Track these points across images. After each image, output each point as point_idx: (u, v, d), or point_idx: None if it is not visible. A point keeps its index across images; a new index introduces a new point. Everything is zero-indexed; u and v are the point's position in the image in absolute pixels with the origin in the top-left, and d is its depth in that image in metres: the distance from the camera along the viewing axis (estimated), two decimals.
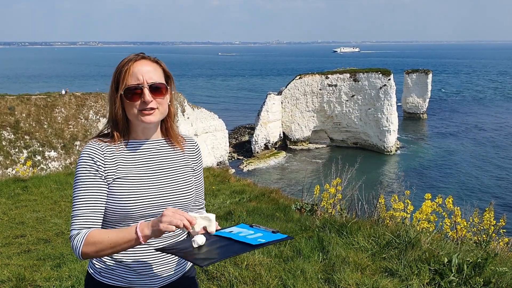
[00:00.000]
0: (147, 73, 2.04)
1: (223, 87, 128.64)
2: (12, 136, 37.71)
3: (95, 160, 2.01)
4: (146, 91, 2.01)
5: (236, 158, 61.15)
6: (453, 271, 4.23)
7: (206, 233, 1.96)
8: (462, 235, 5.68)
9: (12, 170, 32.76)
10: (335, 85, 63.53)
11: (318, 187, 8.01)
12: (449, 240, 5.61)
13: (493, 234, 5.79)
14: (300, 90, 64.05)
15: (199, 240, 1.88)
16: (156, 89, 2.05)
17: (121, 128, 2.08)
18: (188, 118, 50.32)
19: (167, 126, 2.21)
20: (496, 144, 63.52)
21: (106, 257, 2.09)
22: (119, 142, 2.09)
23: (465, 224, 5.70)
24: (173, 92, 2.20)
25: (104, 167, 2.01)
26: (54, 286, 4.67)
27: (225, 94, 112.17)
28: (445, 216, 5.85)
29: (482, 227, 5.75)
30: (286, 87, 65.12)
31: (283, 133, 64.81)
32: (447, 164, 55.52)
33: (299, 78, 64.69)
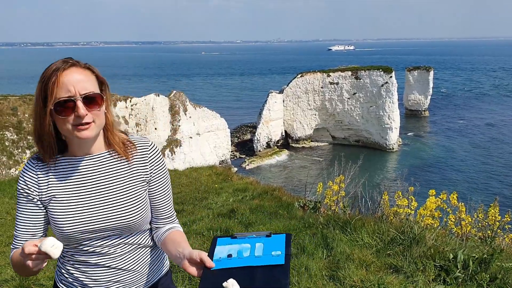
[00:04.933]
0: (79, 83, 1.80)
1: (223, 86, 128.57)
2: (15, 136, 37.78)
3: (27, 183, 1.92)
4: (80, 104, 1.77)
5: (238, 157, 61.18)
6: (458, 267, 4.19)
7: (207, 269, 1.69)
8: (467, 231, 5.64)
9: (15, 170, 32.84)
10: (337, 83, 63.44)
11: (321, 184, 7.98)
12: (454, 236, 5.57)
13: (498, 230, 5.75)
14: (301, 89, 63.98)
15: (236, 287, 1.59)
16: (90, 100, 1.81)
17: (51, 145, 1.88)
18: (190, 117, 50.36)
19: (107, 136, 1.97)
20: (498, 140, 63.39)
21: (65, 272, 2.04)
22: (53, 161, 1.92)
23: (470, 220, 5.66)
24: (109, 98, 1.97)
25: (39, 189, 1.90)
26: None
27: (226, 93, 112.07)
28: (450, 212, 5.81)
29: (486, 223, 5.71)
30: (287, 86, 65.08)
31: (285, 131, 64.78)
32: (449, 161, 55.43)
33: (301, 76, 64.63)
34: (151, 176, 2.03)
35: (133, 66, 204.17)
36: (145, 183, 2.02)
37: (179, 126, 48.67)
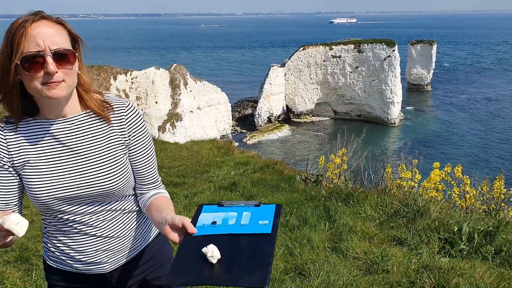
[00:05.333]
0: (49, 37, 1.62)
1: (224, 59, 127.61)
2: None
3: None
4: (50, 60, 1.60)
5: (239, 131, 61.07)
6: (463, 240, 4.15)
7: (188, 235, 1.61)
8: (471, 204, 5.59)
9: None
10: (339, 57, 62.78)
11: (323, 157, 7.94)
12: (458, 209, 5.52)
13: (502, 204, 5.70)
14: (303, 62, 63.36)
15: (216, 252, 1.51)
16: (61, 57, 1.64)
17: (17, 106, 1.72)
18: (190, 91, 50.05)
19: (83, 97, 1.81)
20: (501, 115, 63.16)
21: (51, 246, 1.95)
22: (24, 123, 1.77)
23: (474, 193, 5.60)
24: (82, 56, 1.79)
25: (9, 154, 1.76)
26: None
27: (226, 67, 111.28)
28: (454, 185, 5.75)
29: (491, 196, 5.66)
30: (289, 59, 64.42)
31: (286, 106, 64.49)
32: (451, 136, 55.34)
33: (303, 49, 63.90)
34: (129, 139, 1.90)
35: (133, 38, 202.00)
36: (124, 146, 1.89)
37: (180, 100, 48.40)
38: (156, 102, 46.40)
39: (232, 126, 59.82)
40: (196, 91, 51.05)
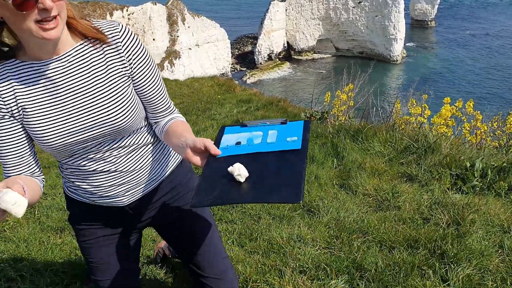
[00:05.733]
0: None
1: None
2: None
3: None
4: None
5: (238, 69, 60.15)
6: (476, 176, 4.04)
7: (212, 157, 1.52)
8: (482, 140, 5.46)
9: None
10: None
11: (329, 94, 7.75)
12: (468, 145, 5.40)
13: (511, 141, 5.58)
14: None
15: (243, 171, 1.40)
16: None
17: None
18: (189, 27, 48.76)
19: (73, 26, 1.59)
20: (506, 52, 61.95)
21: (68, 181, 1.87)
22: (12, 67, 1.56)
23: (486, 129, 5.46)
24: None
25: (5, 104, 1.57)
26: (60, 193, 4.57)
27: (225, 1, 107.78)
28: (465, 120, 5.60)
29: (502, 131, 5.53)
30: None
31: (287, 43, 63.08)
32: (454, 74, 54.62)
33: None
34: (131, 68, 1.68)
35: None
36: (127, 77, 1.68)
37: (178, 36, 47.22)
38: (153, 39, 45.36)
39: (232, 64, 58.85)
40: (194, 27, 49.75)
